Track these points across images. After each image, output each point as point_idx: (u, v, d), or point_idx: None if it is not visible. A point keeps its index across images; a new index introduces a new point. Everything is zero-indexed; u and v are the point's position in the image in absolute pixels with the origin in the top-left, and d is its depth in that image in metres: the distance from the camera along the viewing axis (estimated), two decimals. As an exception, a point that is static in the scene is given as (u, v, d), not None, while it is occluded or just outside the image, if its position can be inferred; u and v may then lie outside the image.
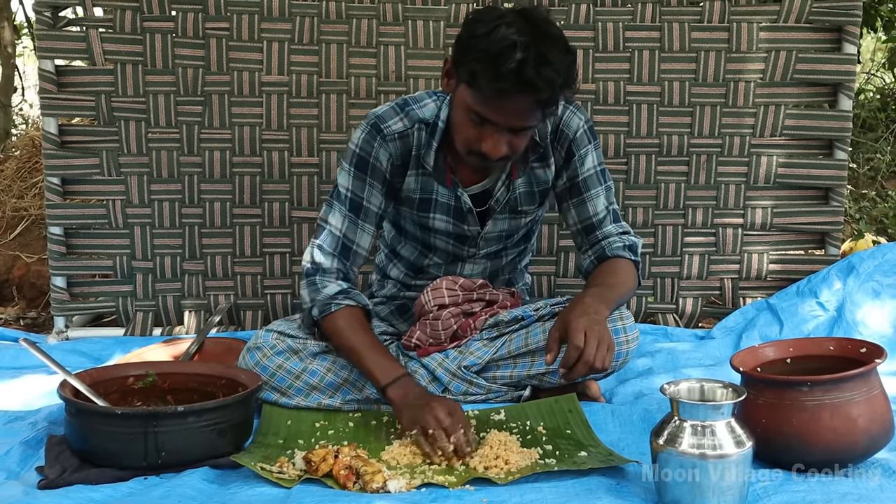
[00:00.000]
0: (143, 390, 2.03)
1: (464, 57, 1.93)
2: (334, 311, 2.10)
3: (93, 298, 3.11)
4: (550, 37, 1.89)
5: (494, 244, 2.36)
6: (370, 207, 2.20)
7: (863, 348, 1.84)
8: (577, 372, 1.88)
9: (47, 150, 3.00)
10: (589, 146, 2.25)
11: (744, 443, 1.56)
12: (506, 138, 1.98)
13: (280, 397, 2.15)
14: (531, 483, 1.72)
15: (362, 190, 2.19)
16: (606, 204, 2.28)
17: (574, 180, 2.26)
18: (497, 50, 1.85)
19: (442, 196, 2.25)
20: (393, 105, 2.22)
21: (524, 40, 1.84)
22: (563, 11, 3.02)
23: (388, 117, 2.19)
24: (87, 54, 3.00)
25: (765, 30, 3.03)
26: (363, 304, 2.15)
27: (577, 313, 1.92)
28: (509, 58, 1.83)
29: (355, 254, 2.21)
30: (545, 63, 1.84)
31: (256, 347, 2.16)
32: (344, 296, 2.12)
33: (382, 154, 2.18)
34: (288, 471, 1.75)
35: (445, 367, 2.24)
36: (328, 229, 2.20)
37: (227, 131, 3.03)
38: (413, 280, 2.44)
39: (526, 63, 1.83)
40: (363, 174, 2.19)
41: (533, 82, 1.85)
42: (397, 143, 2.19)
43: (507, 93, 1.87)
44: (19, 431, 1.94)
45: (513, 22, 1.88)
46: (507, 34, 1.85)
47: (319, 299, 2.12)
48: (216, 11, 2.99)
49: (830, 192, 3.09)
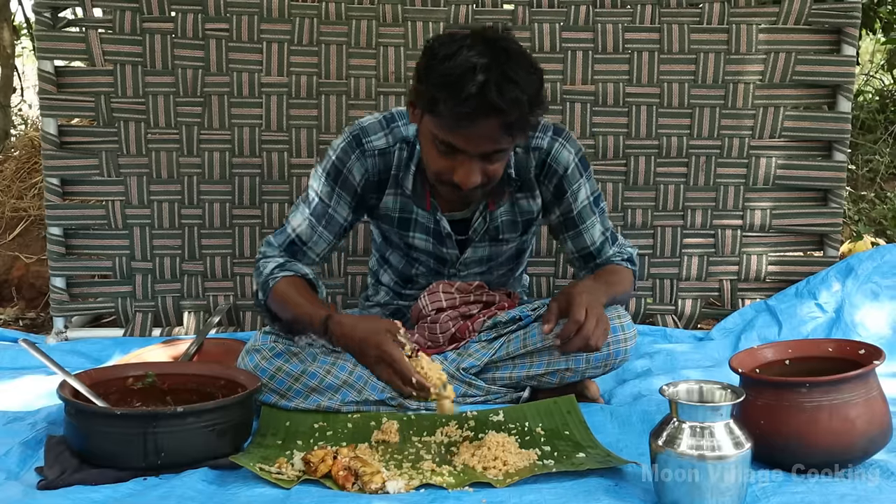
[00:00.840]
0: (142, 391, 2.03)
1: (424, 85, 1.87)
2: (273, 287, 2.10)
3: (92, 299, 3.11)
4: (513, 56, 1.82)
5: (476, 267, 2.36)
6: (335, 217, 2.18)
7: (861, 350, 1.84)
8: (573, 345, 1.88)
9: (47, 151, 3.00)
10: (581, 179, 2.20)
11: (742, 444, 1.56)
12: (478, 166, 1.92)
13: (279, 399, 2.14)
14: (530, 484, 1.72)
15: (330, 198, 2.17)
16: (602, 230, 2.26)
17: (568, 215, 2.24)
18: (457, 74, 1.78)
19: (422, 217, 2.24)
20: (380, 119, 2.18)
21: (485, 62, 1.78)
22: (563, 13, 3.02)
23: (372, 131, 2.16)
24: (87, 55, 3.00)
25: (764, 31, 3.04)
26: (301, 273, 2.13)
27: (580, 289, 1.93)
28: (470, 81, 1.77)
29: (302, 253, 2.19)
30: (509, 83, 1.79)
31: (255, 350, 2.15)
32: (279, 269, 2.12)
33: (357, 168, 2.15)
34: (287, 471, 1.75)
35: (444, 369, 2.23)
36: (285, 227, 2.20)
37: (227, 132, 3.03)
38: (403, 289, 2.44)
39: (488, 85, 1.77)
40: (334, 183, 2.16)
41: (497, 104, 1.78)
42: (376, 160, 2.15)
43: (470, 117, 1.81)
44: (19, 432, 1.93)
45: (472, 44, 1.81)
46: (467, 57, 1.79)
47: (260, 281, 2.13)
48: (216, 12, 2.99)
49: (829, 194, 3.10)
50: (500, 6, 3.04)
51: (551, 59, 3.02)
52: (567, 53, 3.03)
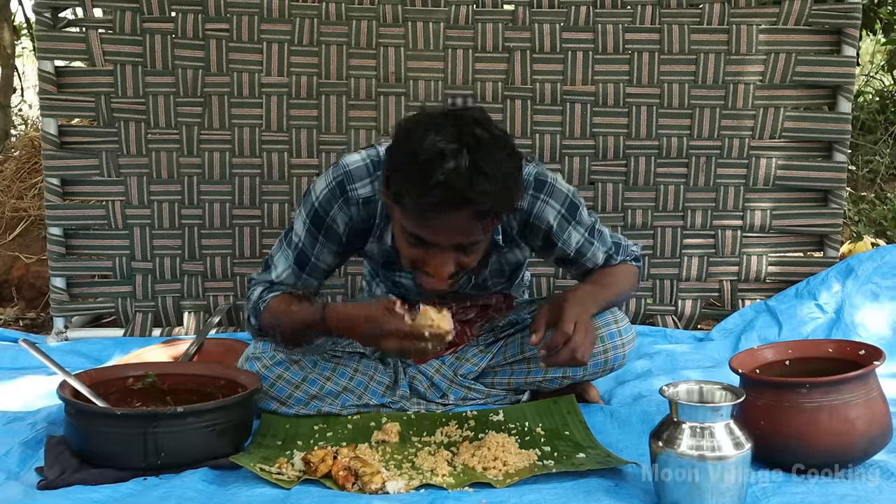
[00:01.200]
0: (142, 391, 2.03)
1: (390, 173, 1.75)
2: (263, 311, 2.07)
3: (92, 299, 3.11)
4: (482, 141, 1.67)
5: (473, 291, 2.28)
6: (318, 264, 2.08)
7: (861, 350, 1.84)
8: (560, 357, 1.86)
9: (47, 151, 3.00)
10: (570, 227, 2.05)
11: (742, 444, 1.56)
12: (452, 257, 1.79)
13: (280, 406, 2.12)
14: (530, 484, 1.72)
15: (313, 246, 2.06)
16: (605, 250, 2.15)
17: (566, 257, 2.12)
18: (423, 160, 1.64)
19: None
20: (367, 162, 2.00)
21: (453, 147, 1.64)
22: (563, 13, 3.02)
23: (357, 177, 1.99)
24: (87, 55, 3.00)
25: (764, 32, 3.04)
26: (288, 290, 2.09)
27: (570, 302, 1.91)
28: (437, 169, 1.63)
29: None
30: (478, 173, 1.64)
31: (255, 357, 2.11)
32: (267, 291, 2.08)
33: (341, 218, 2.01)
34: (287, 472, 1.75)
35: (443, 373, 2.23)
36: (271, 272, 2.11)
37: (227, 132, 3.03)
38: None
39: (456, 173, 1.63)
40: (317, 231, 2.04)
41: (465, 195, 1.65)
42: (360, 209, 2.00)
43: (437, 208, 1.67)
44: (19, 432, 1.94)
45: (441, 127, 1.67)
46: (434, 142, 1.65)
47: (250, 308, 2.09)
48: (216, 12, 2.99)
49: (829, 195, 3.09)
50: (501, 6, 3.04)
51: (551, 60, 3.03)
52: (567, 54, 3.03)
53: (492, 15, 3.03)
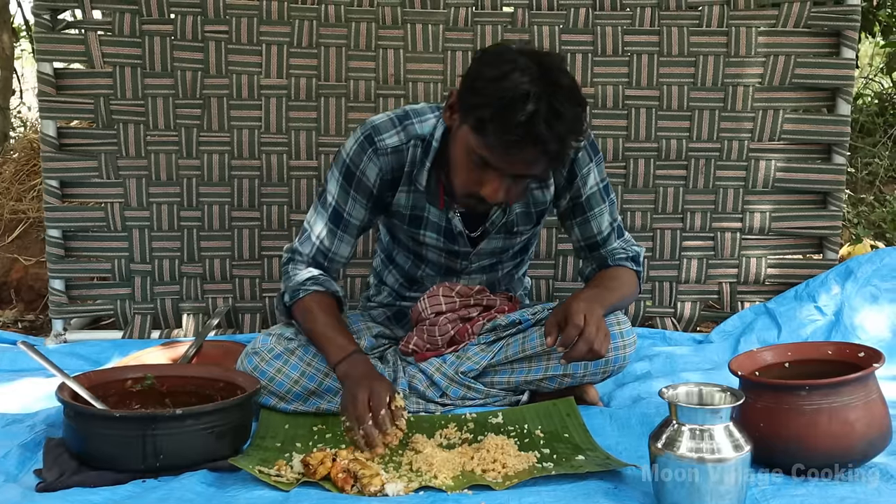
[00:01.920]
0: (141, 393, 2.03)
1: (472, 100, 1.86)
2: (302, 297, 2.12)
3: (91, 301, 3.11)
4: (563, 88, 1.81)
5: (487, 258, 2.35)
6: (351, 220, 2.18)
7: (861, 353, 1.84)
8: (577, 350, 1.86)
9: (46, 153, 3.00)
10: (591, 164, 2.19)
11: (742, 447, 1.56)
12: (507, 184, 1.93)
13: (278, 402, 2.14)
14: (529, 487, 1.72)
15: (346, 202, 2.17)
16: (610, 220, 2.25)
17: (577, 200, 2.22)
18: (508, 99, 1.78)
19: (433, 215, 2.22)
20: (392, 116, 2.15)
21: (536, 91, 1.77)
22: (562, 15, 3.02)
23: (384, 130, 2.13)
24: (86, 57, 3.00)
25: (763, 34, 3.04)
26: (332, 291, 2.15)
27: (576, 301, 1.93)
28: (520, 110, 1.77)
29: (331, 260, 2.21)
30: (556, 117, 1.78)
31: (255, 352, 2.15)
32: (312, 282, 2.14)
33: (371, 169, 2.13)
34: (286, 474, 1.75)
35: (443, 372, 2.23)
36: (308, 233, 2.21)
37: (226, 134, 3.03)
38: (408, 291, 2.43)
39: (537, 116, 1.77)
40: (349, 186, 2.15)
41: (543, 137, 1.79)
42: (389, 158, 2.13)
43: (515, 145, 1.82)
44: (17, 434, 1.93)
45: (526, 69, 1.80)
46: (520, 82, 1.78)
47: (290, 286, 2.15)
48: (215, 14, 2.99)
49: (829, 197, 3.09)
50: (500, 8, 3.04)
51: (551, 62, 3.02)
52: (566, 56, 3.02)
53: (491, 17, 3.03)
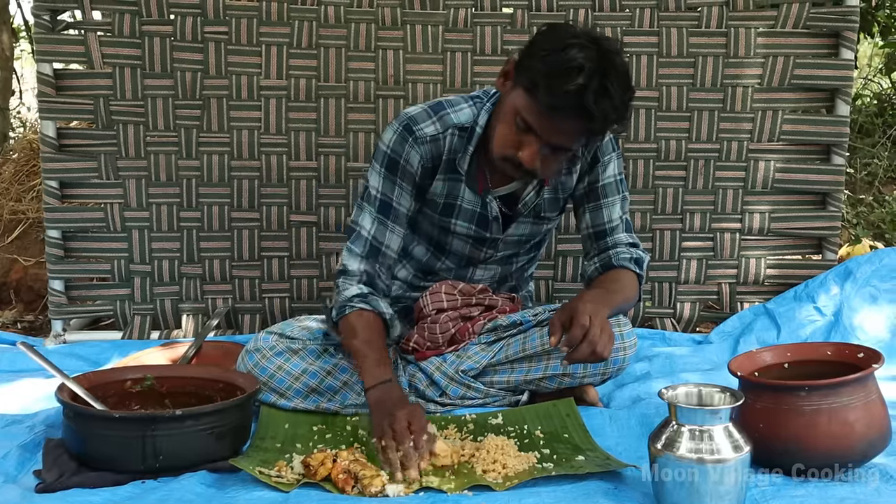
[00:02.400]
0: (140, 394, 2.03)
1: (529, 63, 1.93)
2: (347, 314, 2.11)
3: (90, 302, 3.11)
4: (616, 69, 1.88)
5: (512, 248, 2.36)
6: (400, 209, 2.19)
7: (860, 353, 1.84)
8: (581, 351, 1.85)
9: (45, 154, 3.00)
10: (613, 154, 2.26)
11: (741, 447, 1.56)
12: (543, 152, 1.97)
13: (279, 399, 2.14)
14: (529, 487, 1.72)
15: (392, 191, 2.18)
16: (621, 213, 2.28)
17: (594, 185, 2.26)
18: (563, 68, 1.84)
19: (466, 202, 2.23)
20: (426, 108, 2.19)
21: (591, 66, 1.84)
22: (562, 16, 3.02)
23: (421, 119, 2.17)
24: (86, 58, 3.00)
25: (763, 35, 3.04)
26: (379, 310, 2.13)
27: (582, 301, 1.93)
28: (572, 79, 1.83)
29: (384, 255, 2.19)
30: (605, 95, 1.84)
31: (255, 349, 2.16)
32: (360, 299, 2.12)
33: (413, 156, 2.16)
34: (286, 475, 1.75)
35: (443, 371, 2.24)
36: (358, 231, 2.19)
37: (226, 135, 3.03)
38: (421, 282, 2.41)
39: (587, 89, 1.83)
40: (393, 175, 2.17)
41: (589, 110, 1.84)
42: (428, 147, 2.17)
43: (560, 111, 1.87)
44: (17, 435, 1.93)
45: (584, 46, 1.87)
46: (577, 56, 1.84)
47: (339, 301, 2.14)
48: (215, 15, 2.99)
49: (828, 198, 3.10)
50: (499, 9, 3.04)
51: (550, 63, 3.03)
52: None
53: (491, 18, 3.04)
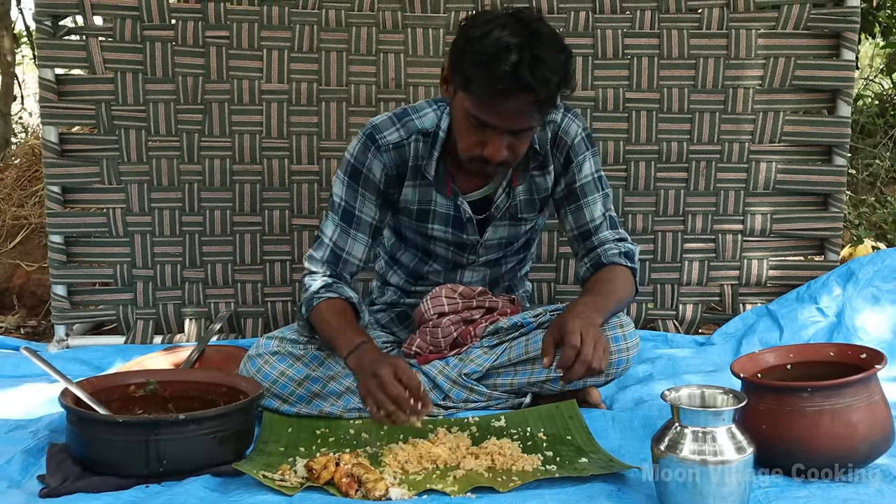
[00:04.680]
0: (144, 398, 2.04)
1: (459, 62, 1.95)
2: (316, 305, 2.13)
3: (93, 307, 3.11)
4: (543, 37, 1.90)
5: (494, 251, 2.36)
6: (363, 217, 2.22)
7: (863, 354, 1.84)
8: (575, 372, 1.85)
9: (47, 159, 3.01)
10: (587, 153, 2.26)
11: (744, 449, 1.56)
12: (507, 141, 1.99)
13: (281, 405, 2.15)
14: (532, 489, 1.72)
15: (355, 200, 2.21)
16: (603, 210, 2.28)
17: (571, 186, 2.26)
18: (491, 53, 1.86)
19: (440, 206, 2.25)
20: (391, 115, 2.23)
21: (518, 42, 1.86)
22: (563, 18, 3.02)
23: (385, 128, 2.20)
24: (87, 63, 3.00)
25: (763, 36, 3.04)
26: (346, 296, 2.16)
27: (572, 317, 1.92)
28: (504, 60, 1.85)
29: (346, 262, 2.22)
30: (540, 63, 1.86)
31: (258, 355, 2.16)
32: (326, 289, 2.15)
33: (376, 165, 2.19)
34: (290, 478, 1.75)
35: (446, 374, 2.24)
36: (321, 239, 2.23)
37: (227, 139, 3.03)
38: (413, 287, 2.44)
39: (521, 64, 1.85)
40: (356, 184, 2.21)
41: (529, 83, 1.86)
42: (392, 154, 2.20)
43: (504, 95, 1.88)
44: (21, 440, 1.94)
45: (506, 24, 1.89)
46: (501, 37, 1.86)
47: (305, 297, 2.16)
48: (216, 20, 3.00)
49: (829, 198, 3.09)
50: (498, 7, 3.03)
51: (551, 65, 3.03)
52: (567, 59, 3.03)
53: (491, 21, 3.04)
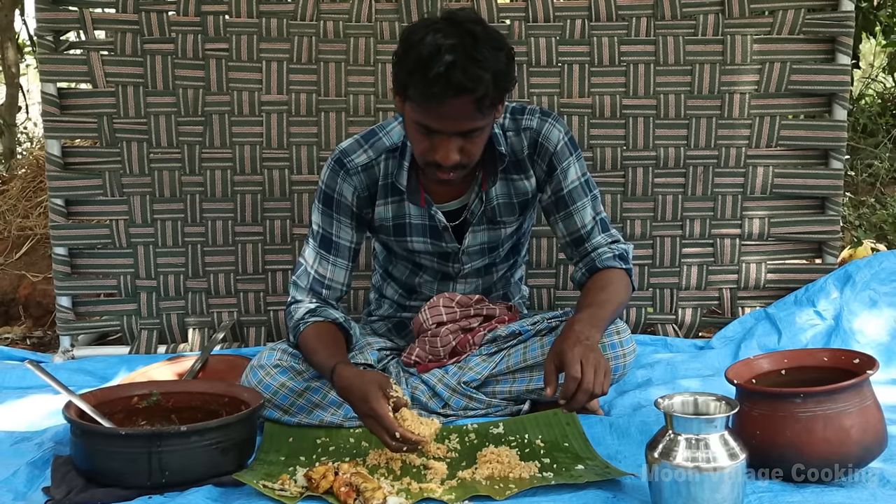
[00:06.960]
0: (147, 409, 2.06)
1: (397, 72, 1.98)
2: (302, 331, 2.16)
3: (98, 317, 3.14)
4: (477, 37, 1.90)
5: (479, 258, 2.37)
6: (341, 242, 2.26)
7: (856, 359, 1.85)
8: (577, 401, 1.86)
9: (51, 172, 3.04)
10: (570, 158, 2.25)
11: (737, 455, 1.58)
12: (456, 144, 1.99)
13: (282, 415, 2.17)
14: (529, 497, 1.74)
15: (331, 226, 2.25)
16: (593, 214, 2.27)
17: (559, 194, 2.26)
18: (425, 57, 1.87)
19: (414, 218, 2.27)
20: (358, 138, 2.26)
21: (451, 43, 1.87)
22: (559, 27, 3.05)
23: (352, 151, 2.24)
24: (89, 77, 3.03)
25: (758, 42, 3.05)
26: (331, 319, 2.19)
27: (571, 343, 1.90)
28: (437, 63, 1.86)
29: (329, 287, 2.25)
30: (473, 63, 1.86)
31: (259, 366, 2.18)
32: (310, 314, 2.18)
33: (346, 189, 2.23)
34: (290, 488, 1.77)
35: (445, 382, 2.26)
36: (303, 266, 2.27)
37: (228, 151, 3.06)
38: (408, 301, 2.47)
39: (454, 66, 1.85)
40: (330, 210, 2.25)
41: (462, 84, 1.86)
42: (361, 176, 2.23)
43: (438, 97, 1.89)
44: (26, 452, 1.97)
45: (440, 28, 1.91)
46: (433, 40, 1.88)
47: (291, 325, 2.19)
48: (215, 33, 3.02)
49: (827, 202, 3.11)
50: (497, 21, 3.06)
51: (548, 73, 3.05)
52: (563, 67, 3.05)
53: (488, 30, 3.06)
